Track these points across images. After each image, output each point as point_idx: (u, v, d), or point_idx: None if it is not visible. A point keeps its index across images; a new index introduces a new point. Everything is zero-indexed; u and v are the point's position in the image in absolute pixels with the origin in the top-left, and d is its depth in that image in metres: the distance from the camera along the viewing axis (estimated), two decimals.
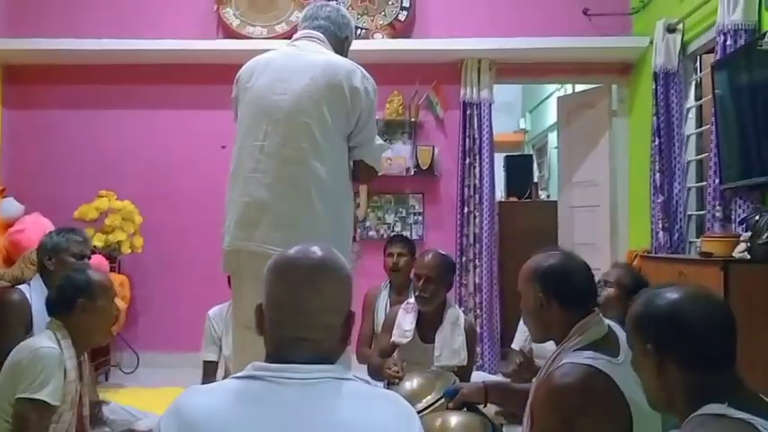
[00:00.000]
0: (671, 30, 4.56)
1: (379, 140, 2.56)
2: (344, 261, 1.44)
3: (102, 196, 5.02)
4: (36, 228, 4.38)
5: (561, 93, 7.05)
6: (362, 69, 2.42)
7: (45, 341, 2.36)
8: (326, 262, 1.40)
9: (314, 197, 2.31)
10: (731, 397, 1.38)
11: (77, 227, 3.36)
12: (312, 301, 1.34)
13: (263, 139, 2.34)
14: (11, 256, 4.42)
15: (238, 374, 1.31)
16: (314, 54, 2.42)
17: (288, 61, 2.42)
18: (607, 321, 2.04)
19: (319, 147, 2.33)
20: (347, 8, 5.42)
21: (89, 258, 3.10)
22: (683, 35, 4.54)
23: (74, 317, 2.42)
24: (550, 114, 7.75)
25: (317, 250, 1.41)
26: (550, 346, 2.11)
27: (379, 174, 2.72)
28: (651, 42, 4.83)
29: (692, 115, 4.64)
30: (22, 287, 2.92)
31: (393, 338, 3.28)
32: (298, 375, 1.28)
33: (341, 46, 2.55)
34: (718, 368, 1.44)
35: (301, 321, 1.34)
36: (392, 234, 5.15)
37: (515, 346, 3.38)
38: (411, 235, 5.43)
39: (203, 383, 3.21)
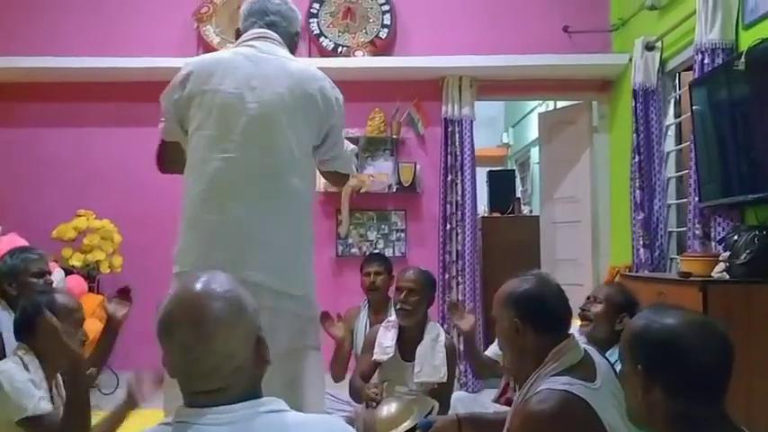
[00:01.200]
0: (650, 48, 4.59)
1: (348, 146, 2.51)
2: (234, 291, 1.31)
3: (80, 215, 4.97)
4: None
5: (543, 108, 7.08)
6: (328, 78, 2.35)
7: (9, 365, 2.32)
8: (209, 311, 1.25)
9: (295, 214, 2.24)
10: (715, 430, 1.37)
11: (29, 246, 3.30)
12: (208, 360, 1.24)
13: (233, 151, 2.16)
14: None
15: (165, 420, 1.27)
16: (279, 59, 2.28)
17: (254, 67, 2.23)
18: (583, 345, 2.03)
19: (296, 160, 2.24)
20: (327, 26, 5.44)
21: (50, 274, 3.05)
22: (661, 53, 4.58)
23: (38, 339, 2.36)
24: (533, 129, 7.77)
25: (194, 299, 1.27)
26: None
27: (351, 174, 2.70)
28: (630, 60, 4.86)
29: (671, 132, 4.67)
30: None
31: (374, 356, 3.28)
32: (223, 416, 1.22)
33: (292, 43, 2.41)
34: (706, 400, 1.42)
35: (203, 379, 1.25)
36: (369, 253, 5.12)
37: (489, 353, 3.38)
38: (393, 252, 5.42)
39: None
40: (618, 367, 2.08)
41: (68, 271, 4.71)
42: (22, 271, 2.89)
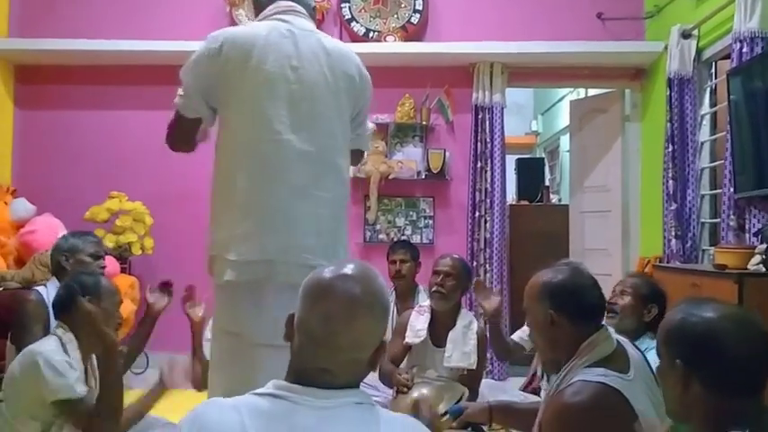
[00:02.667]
0: (686, 35, 4.52)
1: (369, 123, 2.49)
2: (383, 289, 1.36)
3: (113, 197, 5.03)
4: (47, 229, 4.39)
5: (574, 96, 7.01)
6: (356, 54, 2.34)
7: (46, 345, 2.35)
8: (366, 296, 1.30)
9: (342, 199, 2.26)
10: (754, 424, 1.36)
11: (89, 231, 3.39)
12: (342, 338, 1.28)
13: (285, 133, 2.11)
14: (21, 257, 4.43)
15: (260, 391, 1.29)
16: (314, 36, 2.23)
17: (292, 44, 2.16)
18: (615, 337, 2.02)
19: (339, 143, 2.24)
20: (359, 11, 5.43)
21: (103, 259, 3.12)
22: (698, 41, 4.50)
23: (77, 317, 2.39)
24: (563, 117, 7.71)
25: (357, 279, 1.31)
26: None
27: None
28: (665, 48, 4.79)
29: (706, 122, 4.59)
30: (39, 289, 2.94)
31: (406, 339, 3.32)
32: (319, 401, 1.26)
33: (313, 16, 2.35)
34: (745, 394, 1.41)
35: (327, 355, 1.28)
36: (394, 240, 5.12)
37: (515, 337, 3.40)
38: (421, 239, 5.42)
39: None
40: (648, 355, 2.08)
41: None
42: (81, 249, 2.98)
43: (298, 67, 2.15)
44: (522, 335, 3.35)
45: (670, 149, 4.53)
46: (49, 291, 2.89)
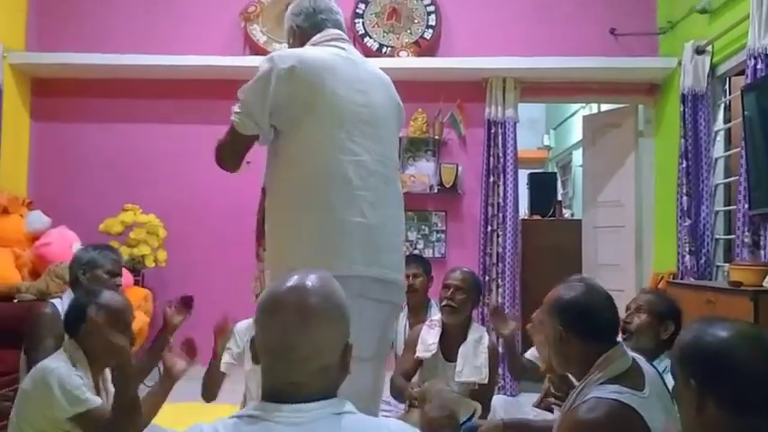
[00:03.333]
0: (699, 51, 4.52)
1: None
2: (336, 290, 1.36)
3: (127, 210, 5.06)
4: (62, 241, 4.41)
5: (586, 111, 7.01)
6: None
7: (58, 362, 2.35)
8: (319, 301, 1.30)
9: (402, 217, 2.38)
10: None
11: (110, 245, 3.40)
12: (301, 349, 1.27)
13: (361, 154, 2.19)
14: (36, 268, 4.45)
15: (239, 413, 1.29)
16: (369, 64, 2.37)
17: (355, 70, 2.27)
18: (631, 354, 2.01)
19: (397, 165, 2.39)
20: (372, 26, 5.46)
21: (120, 276, 3.12)
22: (711, 57, 4.50)
23: (88, 332, 2.40)
24: (575, 132, 7.71)
25: (306, 287, 1.32)
26: None
27: None
28: (679, 63, 4.79)
29: (720, 138, 4.59)
30: (54, 301, 2.95)
31: (417, 354, 3.30)
32: (293, 416, 1.24)
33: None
34: (761, 413, 1.40)
35: (291, 367, 1.27)
36: (406, 254, 5.10)
37: (528, 355, 3.36)
38: (433, 253, 5.42)
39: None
40: (666, 376, 2.06)
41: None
42: (99, 265, 2.96)
43: (365, 91, 2.26)
44: (534, 352, 3.32)
45: (684, 165, 4.52)
46: (64, 303, 2.90)
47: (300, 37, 2.37)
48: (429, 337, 3.32)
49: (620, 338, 2.66)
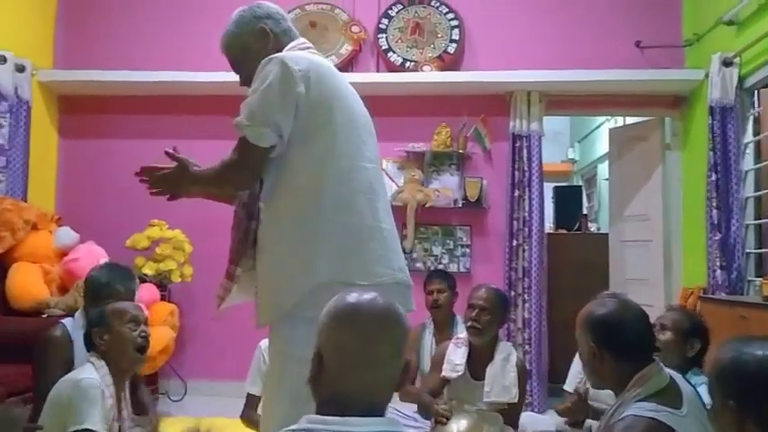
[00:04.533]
0: (727, 63, 4.47)
1: None
2: (400, 307, 1.43)
3: (153, 225, 5.09)
4: (90, 256, 4.45)
5: (611, 123, 6.96)
6: None
7: (85, 372, 2.41)
8: (389, 309, 1.38)
9: None
10: None
11: (123, 263, 3.41)
12: (383, 348, 1.33)
13: (372, 160, 2.18)
14: (65, 284, 4.49)
15: (294, 427, 1.27)
16: None
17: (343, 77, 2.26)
18: (668, 371, 1.98)
19: None
20: (396, 41, 5.48)
21: (135, 293, 3.14)
22: (739, 69, 4.45)
23: (99, 348, 2.53)
24: (600, 145, 7.66)
25: (374, 298, 1.38)
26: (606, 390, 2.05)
27: None
28: (706, 75, 4.74)
29: (749, 150, 4.53)
30: (66, 321, 2.98)
31: (443, 373, 3.26)
32: (356, 430, 1.25)
33: None
34: None
35: (369, 372, 1.31)
36: (431, 270, 5.09)
37: (568, 387, 3.29)
38: (458, 268, 5.39)
39: (243, 416, 3.22)
40: (701, 391, 2.03)
41: (141, 280, 4.82)
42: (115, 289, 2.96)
43: (359, 99, 2.25)
44: (575, 384, 3.18)
45: (713, 178, 4.46)
46: (75, 323, 2.93)
47: (274, 41, 2.21)
48: (456, 357, 3.28)
49: None
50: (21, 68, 5.08)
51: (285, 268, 2.09)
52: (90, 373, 2.42)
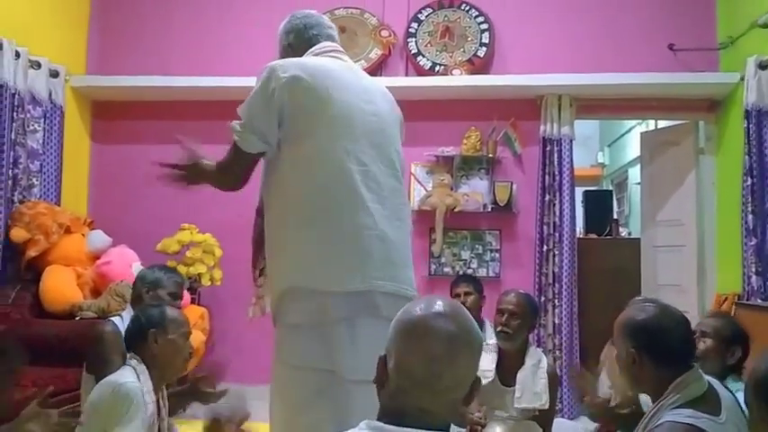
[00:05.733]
0: (763, 66, 4.42)
1: None
2: (474, 322, 1.34)
3: (183, 229, 5.13)
4: (122, 260, 4.50)
5: (642, 127, 6.88)
6: None
7: (126, 376, 2.40)
8: (463, 332, 1.29)
9: (410, 230, 2.30)
10: None
11: (175, 269, 3.46)
12: (445, 377, 1.25)
13: (371, 164, 2.13)
14: (98, 287, 4.54)
15: (353, 431, 1.26)
16: (366, 75, 2.38)
17: (357, 79, 2.25)
18: (707, 378, 1.94)
19: (402, 174, 2.31)
20: (425, 45, 5.47)
21: (181, 299, 3.16)
22: None
23: (147, 349, 2.47)
24: (630, 149, 7.57)
25: (450, 316, 1.29)
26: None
27: None
28: (741, 79, 4.67)
29: None
30: (115, 319, 2.99)
31: None
32: None
33: None
34: None
35: (429, 396, 1.25)
36: (458, 274, 5.07)
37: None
38: (487, 272, 5.35)
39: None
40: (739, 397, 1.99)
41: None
42: (163, 285, 3.05)
43: (371, 101, 2.22)
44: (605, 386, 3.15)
45: (749, 183, 4.39)
46: (124, 321, 2.94)
47: (293, 55, 2.30)
48: (485, 363, 3.25)
49: None
50: (55, 74, 5.16)
51: (269, 272, 2.19)
52: (130, 377, 2.40)
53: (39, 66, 4.98)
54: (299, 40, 2.34)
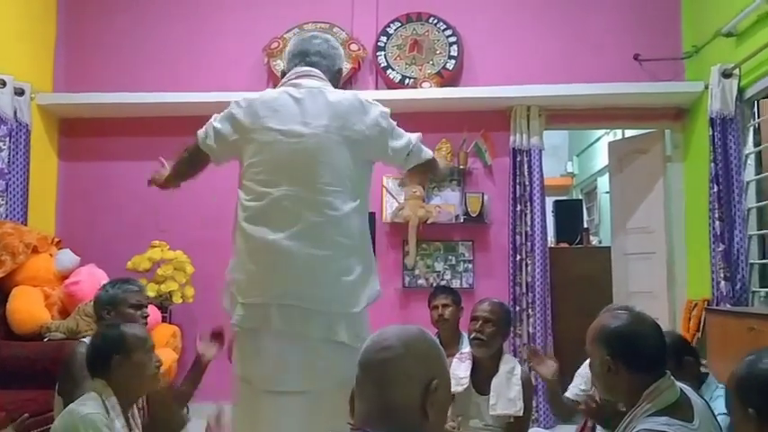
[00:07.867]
0: (726, 75, 4.49)
1: (411, 137, 2.52)
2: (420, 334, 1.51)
3: (154, 246, 5.07)
4: (91, 279, 4.43)
5: (611, 137, 6.97)
6: (364, 98, 2.45)
7: (90, 406, 2.31)
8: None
9: (340, 247, 2.33)
10: None
11: (131, 276, 3.37)
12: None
13: (284, 184, 2.30)
14: (66, 307, 4.47)
15: None
16: (320, 91, 2.40)
17: (298, 103, 2.37)
18: (679, 385, 1.96)
19: (343, 193, 2.34)
20: (394, 59, 5.48)
21: (146, 307, 3.08)
22: (739, 80, 4.46)
23: (112, 375, 2.37)
24: (599, 158, 7.66)
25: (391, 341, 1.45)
26: None
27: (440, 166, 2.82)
28: (706, 87, 4.75)
29: (750, 161, 4.52)
30: (87, 340, 2.92)
31: None
32: None
33: (335, 78, 2.55)
34: None
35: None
36: (435, 285, 5.08)
37: (569, 395, 3.26)
38: (461, 283, 5.36)
39: None
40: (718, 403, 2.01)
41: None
42: (121, 301, 2.92)
43: (302, 121, 2.33)
44: (575, 390, 3.21)
45: (715, 190, 4.46)
46: None
47: (281, 80, 2.54)
48: (460, 371, 3.25)
49: None
50: (20, 92, 5.09)
51: None
52: (95, 408, 2.32)
53: (3, 84, 4.92)
54: (287, 67, 2.55)
